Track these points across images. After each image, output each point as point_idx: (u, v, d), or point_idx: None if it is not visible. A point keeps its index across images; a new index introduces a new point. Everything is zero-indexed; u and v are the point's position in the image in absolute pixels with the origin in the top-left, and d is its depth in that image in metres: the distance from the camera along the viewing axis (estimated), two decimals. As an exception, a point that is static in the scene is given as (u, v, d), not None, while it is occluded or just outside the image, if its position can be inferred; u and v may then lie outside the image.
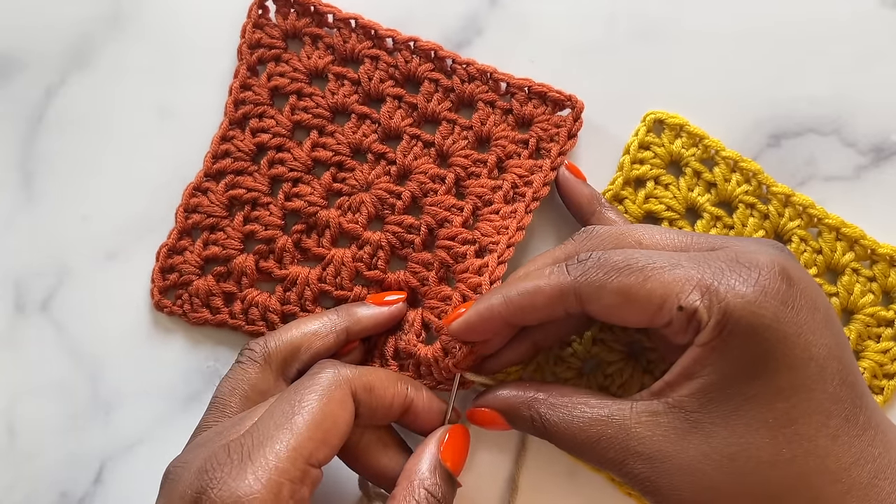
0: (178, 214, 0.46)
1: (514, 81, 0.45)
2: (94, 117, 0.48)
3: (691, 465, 0.32)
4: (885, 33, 0.47)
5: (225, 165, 0.46)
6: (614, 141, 0.46)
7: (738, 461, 0.32)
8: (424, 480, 0.36)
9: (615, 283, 0.34)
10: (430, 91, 0.46)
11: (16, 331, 0.46)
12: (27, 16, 0.49)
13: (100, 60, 0.48)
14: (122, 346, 0.45)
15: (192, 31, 0.48)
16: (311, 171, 0.46)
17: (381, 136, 0.46)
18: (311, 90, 0.47)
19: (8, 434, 0.45)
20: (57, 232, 0.47)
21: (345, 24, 0.47)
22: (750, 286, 0.32)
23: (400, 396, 0.38)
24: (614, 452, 0.34)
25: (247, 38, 0.47)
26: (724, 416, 0.32)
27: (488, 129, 0.45)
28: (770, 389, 0.32)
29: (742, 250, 0.34)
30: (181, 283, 0.45)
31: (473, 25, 0.48)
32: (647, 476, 0.33)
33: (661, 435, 0.33)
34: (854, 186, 0.46)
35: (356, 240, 0.45)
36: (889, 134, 0.46)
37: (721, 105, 0.47)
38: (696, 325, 0.32)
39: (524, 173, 0.45)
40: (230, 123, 0.46)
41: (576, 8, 0.48)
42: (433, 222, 0.45)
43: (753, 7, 0.47)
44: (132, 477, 0.44)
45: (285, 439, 0.32)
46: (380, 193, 0.45)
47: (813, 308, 0.32)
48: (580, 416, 0.35)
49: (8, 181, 0.47)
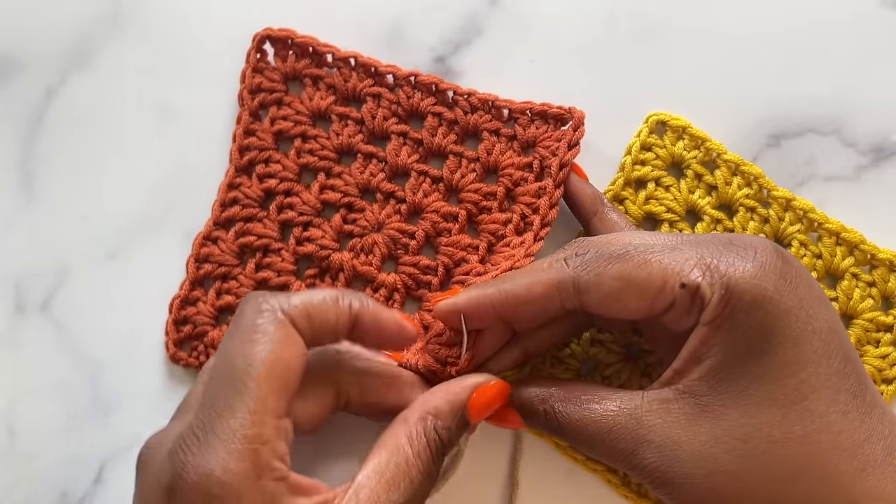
0: (189, 265, 0.45)
1: (515, 107, 0.45)
2: (94, 117, 0.48)
3: (703, 451, 0.32)
4: (885, 33, 0.47)
5: (234, 213, 0.46)
6: (614, 141, 0.46)
7: (750, 442, 0.31)
8: (439, 419, 0.35)
9: (614, 269, 0.34)
10: (434, 125, 0.46)
11: (16, 331, 0.46)
12: (27, 16, 0.49)
13: (100, 60, 0.48)
14: (122, 346, 0.45)
15: (192, 31, 0.48)
16: (320, 213, 0.46)
17: (389, 175, 0.46)
18: (315, 132, 0.46)
19: (8, 434, 0.45)
20: (57, 232, 0.47)
21: (344, 62, 0.46)
22: (749, 261, 0.32)
23: (343, 315, 0.35)
24: (625, 443, 0.33)
25: (247, 84, 0.46)
26: (733, 397, 0.32)
27: (495, 158, 0.45)
28: (776, 365, 0.32)
29: (735, 235, 0.35)
30: (196, 335, 0.45)
31: (473, 25, 0.48)
32: (658, 466, 0.32)
33: (672, 422, 0.33)
34: (854, 186, 0.46)
35: (371, 282, 0.45)
36: (889, 134, 0.46)
37: (721, 105, 0.47)
38: (700, 303, 0.33)
39: (532, 200, 0.44)
40: (236, 170, 0.46)
41: (576, 8, 0.48)
42: (451, 263, 0.44)
43: (753, 7, 0.47)
44: (132, 477, 0.44)
45: (245, 403, 0.30)
46: (392, 234, 0.45)
47: (809, 284, 0.33)
48: (592, 409, 0.35)
49: (8, 181, 0.47)
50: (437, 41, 0.48)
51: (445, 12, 0.48)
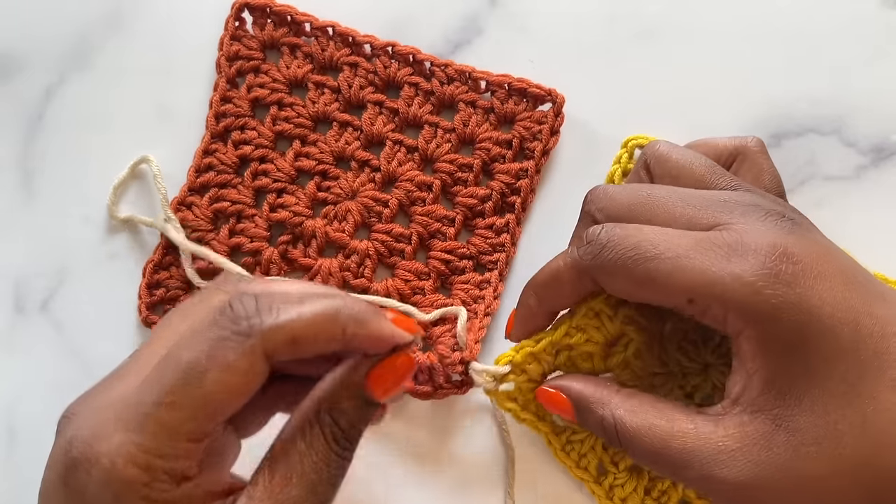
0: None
1: (492, 79, 0.46)
2: (94, 117, 0.48)
3: (784, 465, 0.32)
4: (885, 33, 0.47)
5: (208, 179, 0.46)
6: (614, 142, 0.46)
7: (823, 443, 0.31)
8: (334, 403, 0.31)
9: (626, 270, 0.34)
10: (410, 95, 0.46)
11: (16, 331, 0.46)
12: (27, 16, 0.49)
13: (100, 60, 0.48)
14: (122, 345, 0.45)
15: (192, 32, 0.48)
16: (295, 181, 0.46)
17: (364, 143, 0.46)
18: (291, 100, 0.46)
19: (8, 434, 0.45)
20: (57, 232, 0.47)
21: (322, 32, 0.47)
22: (757, 270, 0.32)
23: (334, 340, 0.30)
24: (700, 465, 0.32)
25: (224, 51, 0.47)
26: (798, 402, 0.32)
27: (471, 130, 0.45)
28: (820, 359, 0.32)
29: (745, 230, 0.33)
30: (168, 299, 0.45)
31: (473, 25, 0.48)
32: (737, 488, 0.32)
33: (751, 444, 0.32)
34: (854, 186, 0.46)
35: (343, 249, 0.45)
36: (889, 134, 0.46)
37: (721, 105, 0.47)
38: (713, 318, 0.33)
39: (510, 180, 0.45)
40: (212, 137, 0.46)
41: (576, 8, 0.48)
42: (424, 232, 0.45)
43: (753, 7, 0.48)
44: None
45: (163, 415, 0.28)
46: (366, 202, 0.45)
47: (824, 276, 0.32)
48: (661, 426, 0.34)
49: (8, 181, 0.47)
50: (437, 41, 0.48)
51: (446, 12, 0.48)
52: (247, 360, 0.29)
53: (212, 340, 0.29)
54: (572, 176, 0.46)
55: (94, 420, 0.30)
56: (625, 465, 0.42)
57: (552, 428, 0.41)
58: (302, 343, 0.30)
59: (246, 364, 0.29)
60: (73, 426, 0.30)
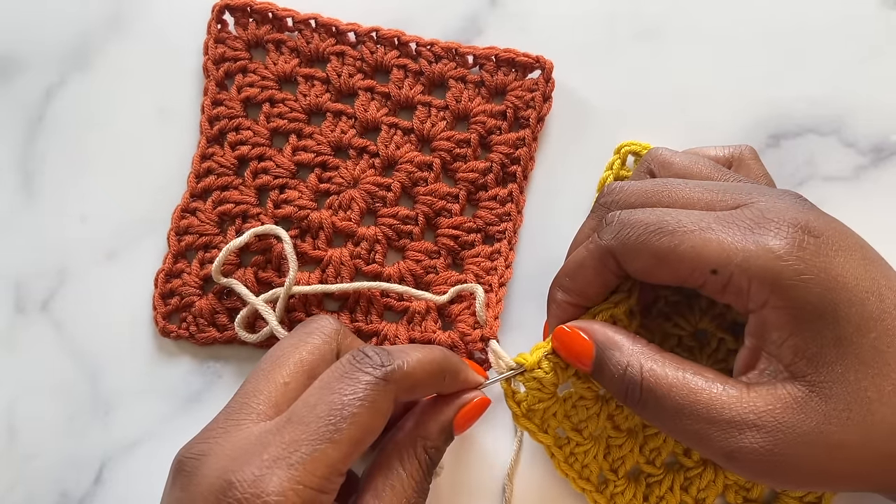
0: (171, 238, 0.45)
1: (479, 52, 0.46)
2: (94, 117, 0.48)
3: (816, 429, 0.32)
4: (885, 33, 0.47)
5: (209, 183, 0.46)
6: (614, 142, 0.46)
7: (853, 409, 0.32)
8: (428, 439, 0.36)
9: (649, 245, 0.34)
10: (399, 78, 0.46)
11: (16, 331, 0.46)
12: (27, 16, 0.49)
13: (100, 60, 0.48)
14: (122, 345, 0.45)
15: (192, 32, 0.48)
16: (295, 175, 0.46)
17: (360, 131, 0.46)
18: (282, 96, 0.46)
19: (8, 434, 0.45)
20: (57, 232, 0.47)
21: (305, 25, 0.47)
22: (781, 240, 0.32)
23: (435, 386, 0.37)
24: (725, 425, 0.32)
25: (210, 54, 0.47)
26: (829, 369, 0.32)
27: (464, 105, 0.46)
28: (852, 327, 0.32)
29: (766, 207, 0.34)
30: (183, 306, 0.45)
31: (473, 26, 0.48)
32: (766, 450, 0.32)
33: (782, 406, 0.32)
34: (854, 186, 0.46)
35: (351, 237, 0.45)
36: (889, 134, 0.46)
37: (721, 105, 0.47)
38: (736, 290, 0.33)
39: (509, 150, 0.45)
40: (208, 141, 0.46)
41: (576, 8, 0.48)
42: (430, 211, 0.45)
43: (753, 7, 0.48)
44: (132, 477, 0.44)
45: (327, 453, 0.31)
46: (368, 188, 0.45)
47: (845, 249, 0.33)
48: (693, 380, 0.33)
49: (8, 181, 0.47)
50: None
51: (446, 12, 0.48)
52: (388, 402, 0.33)
53: (358, 383, 0.33)
54: (569, 142, 0.47)
55: (244, 460, 0.31)
56: (623, 472, 0.42)
57: (555, 440, 0.41)
58: (418, 388, 0.35)
59: (387, 406, 0.33)
60: (214, 467, 0.31)
